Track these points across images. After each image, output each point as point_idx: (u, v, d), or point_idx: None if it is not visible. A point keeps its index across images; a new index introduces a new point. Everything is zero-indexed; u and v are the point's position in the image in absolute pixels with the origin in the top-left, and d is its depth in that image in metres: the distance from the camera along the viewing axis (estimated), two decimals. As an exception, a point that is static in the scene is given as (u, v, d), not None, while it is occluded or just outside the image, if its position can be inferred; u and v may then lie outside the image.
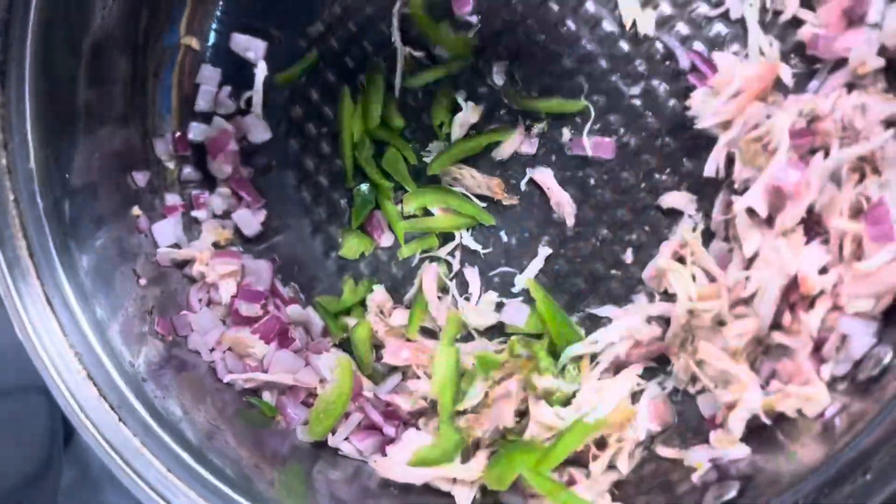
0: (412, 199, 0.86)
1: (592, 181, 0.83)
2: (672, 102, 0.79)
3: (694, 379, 0.76)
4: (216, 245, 0.91)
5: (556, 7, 0.83)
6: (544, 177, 0.84)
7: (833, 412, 0.64)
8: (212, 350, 0.86)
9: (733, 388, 0.70)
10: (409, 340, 0.85)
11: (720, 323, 0.72)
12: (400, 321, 0.86)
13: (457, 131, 0.85)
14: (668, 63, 0.79)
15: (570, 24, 0.83)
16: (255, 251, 0.92)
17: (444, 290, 0.86)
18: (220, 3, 0.93)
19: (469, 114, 0.85)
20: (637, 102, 0.80)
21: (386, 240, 0.89)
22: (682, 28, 0.78)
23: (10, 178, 0.73)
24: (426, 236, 0.87)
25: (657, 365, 0.79)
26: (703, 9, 0.77)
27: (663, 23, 0.78)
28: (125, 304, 0.80)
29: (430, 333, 0.86)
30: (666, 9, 0.78)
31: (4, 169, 0.72)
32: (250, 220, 0.91)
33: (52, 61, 0.76)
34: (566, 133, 0.83)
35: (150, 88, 0.90)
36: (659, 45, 0.79)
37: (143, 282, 0.84)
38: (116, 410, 0.71)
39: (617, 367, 0.79)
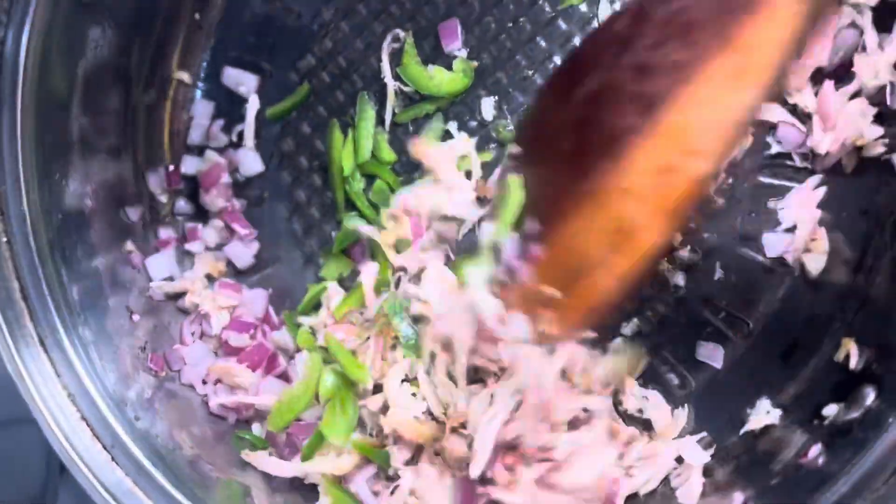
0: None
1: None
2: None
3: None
4: (209, 277, 0.92)
5: (544, 43, 0.85)
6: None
7: (815, 453, 0.65)
8: (204, 383, 0.87)
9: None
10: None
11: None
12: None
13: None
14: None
15: (557, 60, 0.84)
16: (247, 282, 0.93)
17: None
18: (212, 37, 0.93)
19: (460, 145, 0.86)
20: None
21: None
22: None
23: (3, 220, 0.74)
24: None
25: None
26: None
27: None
28: (118, 342, 0.81)
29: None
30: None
31: (-4, 211, 0.73)
32: (243, 253, 0.92)
33: (44, 100, 0.77)
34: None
35: (141, 122, 0.91)
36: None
37: (136, 318, 0.85)
38: (109, 450, 0.72)
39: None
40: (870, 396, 0.64)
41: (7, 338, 0.72)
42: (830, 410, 0.67)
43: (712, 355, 0.80)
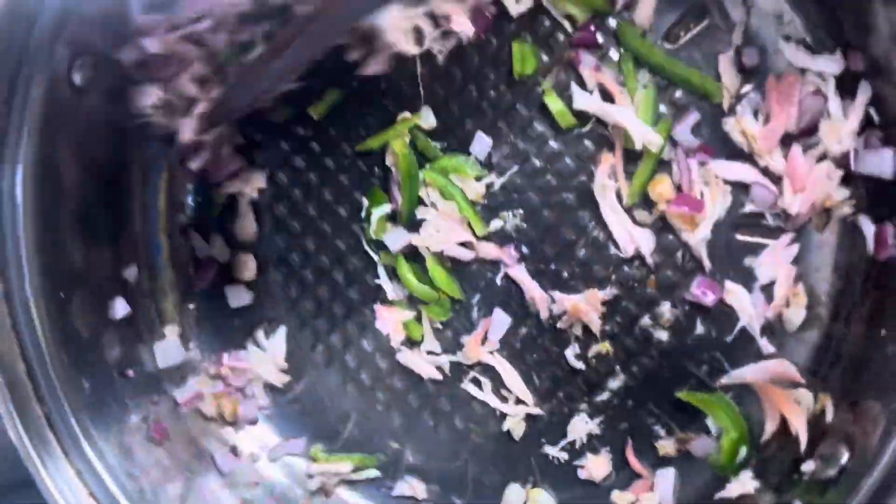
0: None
1: (566, 274, 0.87)
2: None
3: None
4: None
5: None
6: (517, 272, 0.88)
7: (794, 510, 0.68)
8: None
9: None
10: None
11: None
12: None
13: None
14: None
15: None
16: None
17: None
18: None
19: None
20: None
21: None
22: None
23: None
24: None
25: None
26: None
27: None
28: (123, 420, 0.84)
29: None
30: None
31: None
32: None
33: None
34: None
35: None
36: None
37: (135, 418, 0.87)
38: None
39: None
40: (844, 455, 0.67)
41: (15, 418, 0.74)
42: (808, 467, 0.70)
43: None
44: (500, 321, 0.88)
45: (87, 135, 0.83)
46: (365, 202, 0.91)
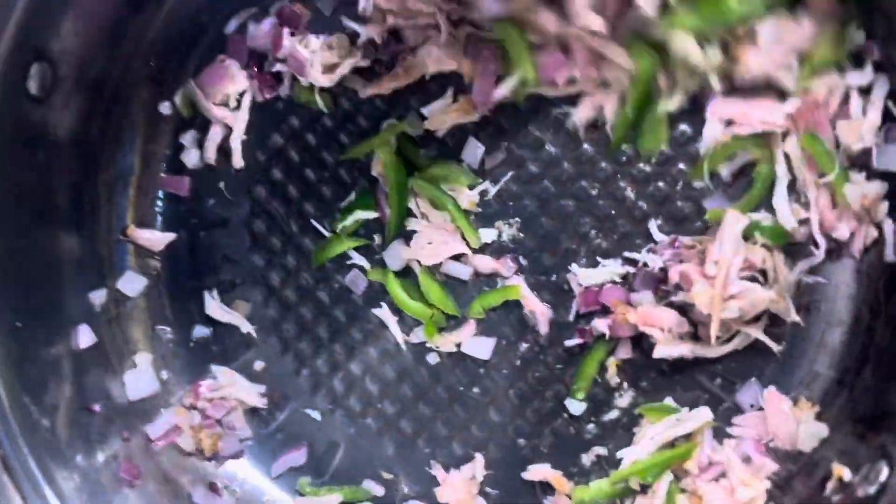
0: None
1: (566, 286, 0.82)
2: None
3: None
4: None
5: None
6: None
7: (833, 532, 0.63)
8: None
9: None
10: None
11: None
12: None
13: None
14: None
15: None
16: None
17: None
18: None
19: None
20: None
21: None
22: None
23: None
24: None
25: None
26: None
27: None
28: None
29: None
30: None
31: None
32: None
33: None
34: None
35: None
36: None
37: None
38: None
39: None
40: (883, 472, 0.62)
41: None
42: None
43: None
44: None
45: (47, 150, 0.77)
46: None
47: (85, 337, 0.81)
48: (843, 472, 0.67)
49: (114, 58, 0.82)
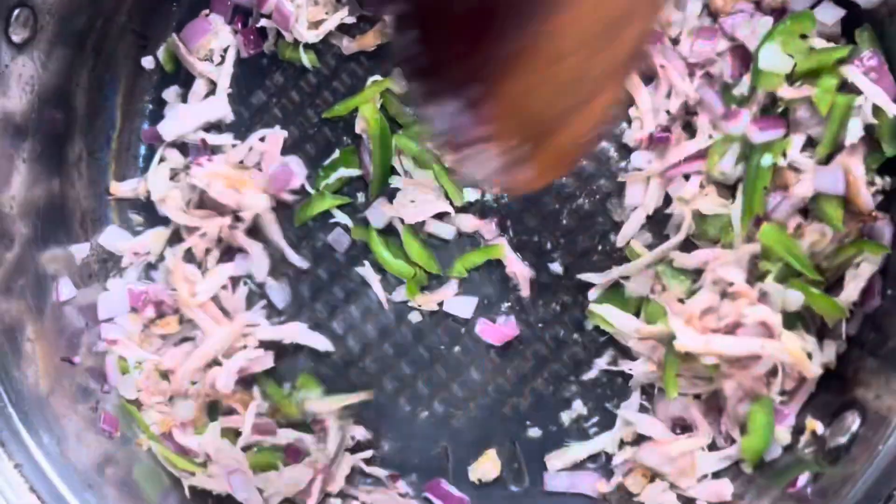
0: None
1: (549, 245, 0.82)
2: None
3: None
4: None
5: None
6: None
7: (804, 482, 0.64)
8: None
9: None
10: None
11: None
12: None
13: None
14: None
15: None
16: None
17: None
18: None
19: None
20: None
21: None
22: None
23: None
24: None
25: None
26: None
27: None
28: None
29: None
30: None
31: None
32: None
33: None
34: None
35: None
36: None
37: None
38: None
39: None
40: (855, 423, 0.63)
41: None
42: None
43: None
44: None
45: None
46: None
47: (66, 289, 0.81)
48: (815, 425, 0.67)
49: (96, 10, 0.81)
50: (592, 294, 0.81)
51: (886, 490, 0.58)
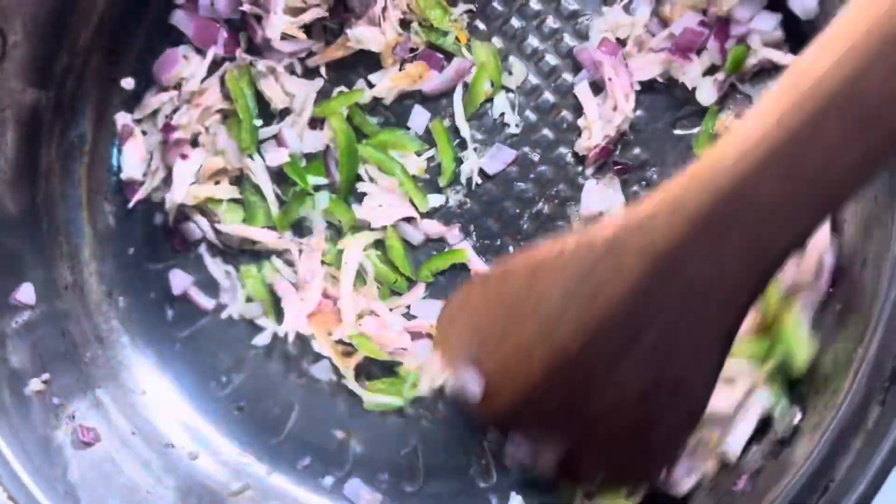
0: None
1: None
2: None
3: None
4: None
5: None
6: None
7: (745, 479, 0.66)
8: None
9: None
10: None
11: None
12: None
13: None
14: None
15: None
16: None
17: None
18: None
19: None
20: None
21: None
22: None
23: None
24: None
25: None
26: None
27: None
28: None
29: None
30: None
31: None
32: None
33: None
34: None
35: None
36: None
37: None
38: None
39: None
40: (797, 416, 0.65)
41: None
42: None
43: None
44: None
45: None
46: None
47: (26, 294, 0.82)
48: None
49: (64, 28, 0.83)
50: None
51: (824, 482, 0.60)
